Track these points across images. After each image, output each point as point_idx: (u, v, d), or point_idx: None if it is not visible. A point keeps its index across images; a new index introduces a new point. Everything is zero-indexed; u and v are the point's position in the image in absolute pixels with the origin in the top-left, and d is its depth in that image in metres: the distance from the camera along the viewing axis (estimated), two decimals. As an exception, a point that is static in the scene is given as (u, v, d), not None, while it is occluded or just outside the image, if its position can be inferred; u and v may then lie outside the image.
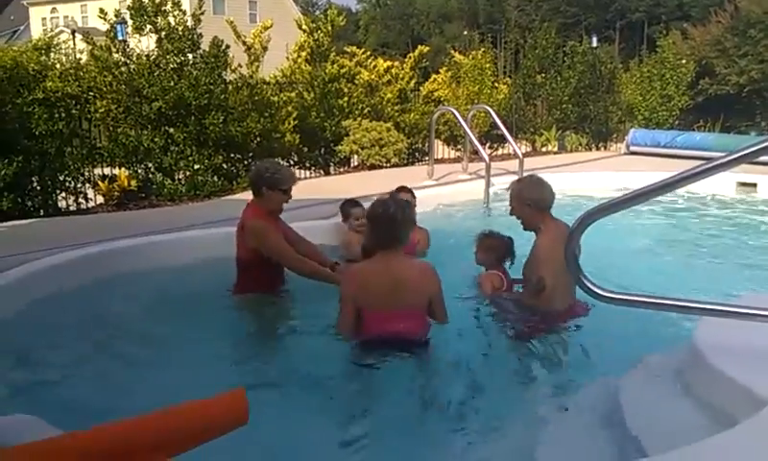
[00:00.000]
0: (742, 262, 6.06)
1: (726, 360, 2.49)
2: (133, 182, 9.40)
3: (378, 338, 3.74)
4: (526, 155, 11.64)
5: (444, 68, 15.72)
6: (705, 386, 2.54)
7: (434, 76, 15.47)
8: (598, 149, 15.64)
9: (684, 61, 17.41)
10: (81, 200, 9.31)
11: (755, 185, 9.31)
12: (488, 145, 13.99)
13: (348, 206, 5.90)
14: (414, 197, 5.74)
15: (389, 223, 3.79)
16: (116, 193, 9.21)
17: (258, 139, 10.41)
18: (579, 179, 9.64)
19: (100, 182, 9.38)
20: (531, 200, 4.32)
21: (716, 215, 8.17)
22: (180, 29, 9.77)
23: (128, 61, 9.68)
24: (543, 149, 15.25)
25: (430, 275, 3.92)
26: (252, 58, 10.69)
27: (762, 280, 5.42)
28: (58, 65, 10.23)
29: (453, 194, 8.67)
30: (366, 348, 3.80)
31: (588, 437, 2.74)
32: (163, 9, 9.72)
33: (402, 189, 5.89)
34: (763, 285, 5.22)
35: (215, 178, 9.79)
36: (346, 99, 12.17)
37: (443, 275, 3.94)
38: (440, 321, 3.96)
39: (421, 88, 14.50)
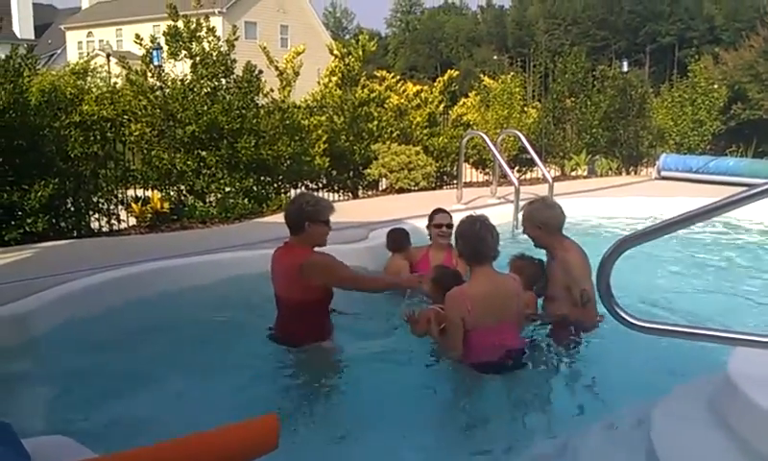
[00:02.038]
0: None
1: (761, 392, 2.44)
2: (166, 205, 9.49)
3: (487, 353, 3.80)
4: (556, 179, 11.55)
5: (474, 92, 15.69)
6: (739, 418, 2.49)
7: (463, 100, 15.46)
8: (629, 173, 15.49)
9: (715, 86, 17.21)
10: (113, 221, 9.40)
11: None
12: (516, 169, 13.92)
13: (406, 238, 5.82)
14: (451, 217, 5.76)
15: (489, 235, 3.91)
16: (149, 215, 9.31)
17: (289, 162, 10.50)
18: (610, 204, 9.51)
19: (133, 204, 9.50)
20: (540, 222, 4.49)
21: (751, 241, 8.02)
22: (214, 54, 9.95)
23: (162, 86, 9.88)
24: (573, 173, 15.15)
25: (519, 283, 4.07)
26: (285, 82, 10.81)
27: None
28: (94, 89, 10.42)
29: (482, 218, 8.61)
30: (476, 365, 3.83)
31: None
32: (198, 35, 9.92)
33: (440, 211, 5.86)
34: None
35: (246, 200, 9.86)
36: (375, 123, 12.24)
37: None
38: (521, 328, 4.08)
39: (450, 112, 14.50)
